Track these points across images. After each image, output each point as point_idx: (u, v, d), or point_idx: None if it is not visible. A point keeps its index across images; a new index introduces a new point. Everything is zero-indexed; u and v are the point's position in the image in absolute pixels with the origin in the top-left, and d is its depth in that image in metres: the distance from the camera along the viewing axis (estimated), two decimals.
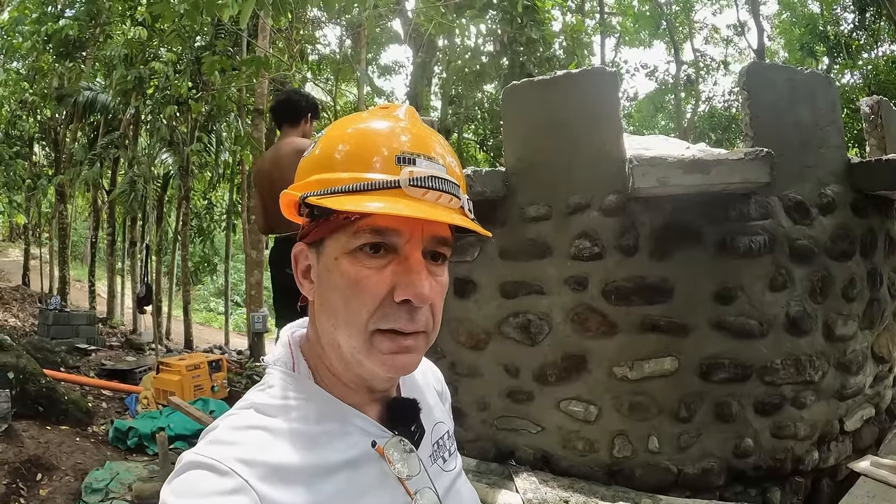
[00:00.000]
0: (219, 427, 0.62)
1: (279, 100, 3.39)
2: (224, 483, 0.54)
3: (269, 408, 0.64)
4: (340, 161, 0.63)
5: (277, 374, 0.68)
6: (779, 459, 2.91)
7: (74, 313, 10.33)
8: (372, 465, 0.64)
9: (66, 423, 4.89)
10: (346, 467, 0.62)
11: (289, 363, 0.69)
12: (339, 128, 0.68)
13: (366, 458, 0.64)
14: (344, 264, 0.62)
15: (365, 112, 0.71)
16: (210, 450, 0.58)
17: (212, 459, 0.56)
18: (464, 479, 0.78)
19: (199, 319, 19.08)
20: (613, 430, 2.94)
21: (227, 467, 0.55)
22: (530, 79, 3.29)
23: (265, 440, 0.60)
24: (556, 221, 3.05)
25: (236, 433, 0.60)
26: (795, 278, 2.94)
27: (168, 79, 9.55)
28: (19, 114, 12.86)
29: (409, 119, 0.66)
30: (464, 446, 3.30)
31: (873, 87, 12.45)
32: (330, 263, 0.63)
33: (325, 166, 0.63)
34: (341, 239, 0.62)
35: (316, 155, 0.66)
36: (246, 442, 0.59)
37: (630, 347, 2.92)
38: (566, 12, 13.45)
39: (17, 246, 21.80)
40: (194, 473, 0.56)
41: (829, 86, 3.23)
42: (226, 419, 0.63)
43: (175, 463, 0.59)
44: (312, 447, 0.61)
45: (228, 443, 0.59)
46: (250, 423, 0.62)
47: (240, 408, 0.65)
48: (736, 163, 2.62)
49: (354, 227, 0.61)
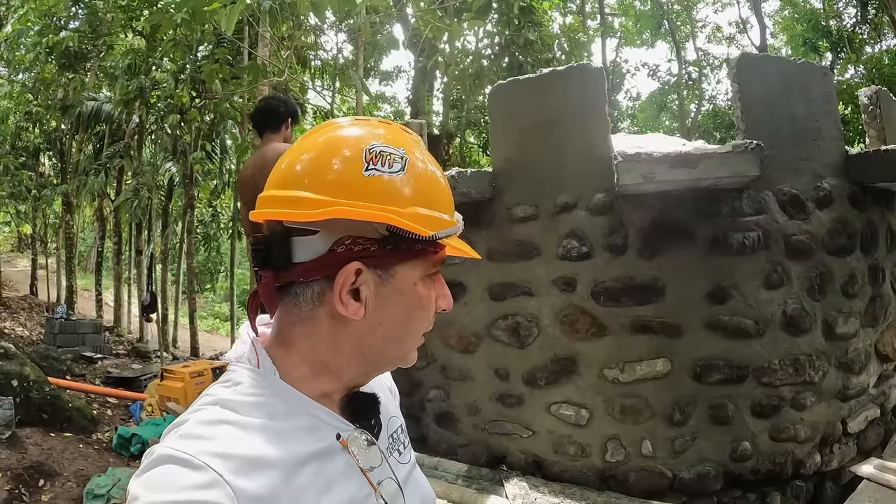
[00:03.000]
0: (188, 422, 0.62)
1: (259, 107, 3.37)
2: (198, 477, 0.55)
3: (236, 404, 0.64)
4: (436, 201, 0.69)
5: (242, 370, 0.69)
6: (778, 463, 2.82)
7: (81, 322, 10.40)
8: (338, 458, 0.67)
9: (70, 430, 4.90)
10: (314, 459, 0.64)
11: (252, 360, 0.70)
12: (419, 161, 0.70)
13: (332, 450, 0.67)
14: (421, 288, 0.70)
15: (415, 144, 0.72)
16: (182, 444, 0.58)
17: (184, 454, 0.56)
18: (419, 471, 0.82)
19: (206, 327, 19.15)
20: (605, 434, 2.87)
21: (200, 461, 0.56)
22: (516, 78, 3.25)
23: (236, 435, 0.60)
24: (544, 221, 3.00)
25: (207, 428, 0.61)
26: (792, 275, 2.85)
27: (170, 88, 9.60)
28: (24, 125, 12.99)
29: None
30: (455, 451, 3.25)
31: (877, 82, 12.28)
32: (405, 287, 0.69)
33: (428, 202, 0.68)
34: (419, 266, 0.69)
35: (410, 189, 0.67)
36: (217, 437, 0.59)
37: (621, 349, 2.85)
38: (565, 13, 13.41)
39: (24, 256, 22.05)
40: (167, 468, 0.56)
41: (824, 76, 3.15)
42: (193, 414, 0.63)
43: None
44: (282, 441, 0.62)
45: (200, 437, 0.59)
46: (219, 419, 0.62)
47: (205, 403, 0.65)
48: (724, 156, 2.55)
49: (435, 258, 0.70)
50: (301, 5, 4.47)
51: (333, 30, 10.54)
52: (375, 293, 0.67)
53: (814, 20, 15.89)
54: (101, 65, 11.70)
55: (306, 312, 0.68)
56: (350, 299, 0.66)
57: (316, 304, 0.67)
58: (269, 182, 0.69)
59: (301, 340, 0.69)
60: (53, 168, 15.29)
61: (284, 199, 0.65)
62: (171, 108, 9.70)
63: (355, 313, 0.66)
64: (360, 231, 0.65)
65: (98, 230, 14.52)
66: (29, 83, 12.29)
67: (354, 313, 0.66)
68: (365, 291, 0.67)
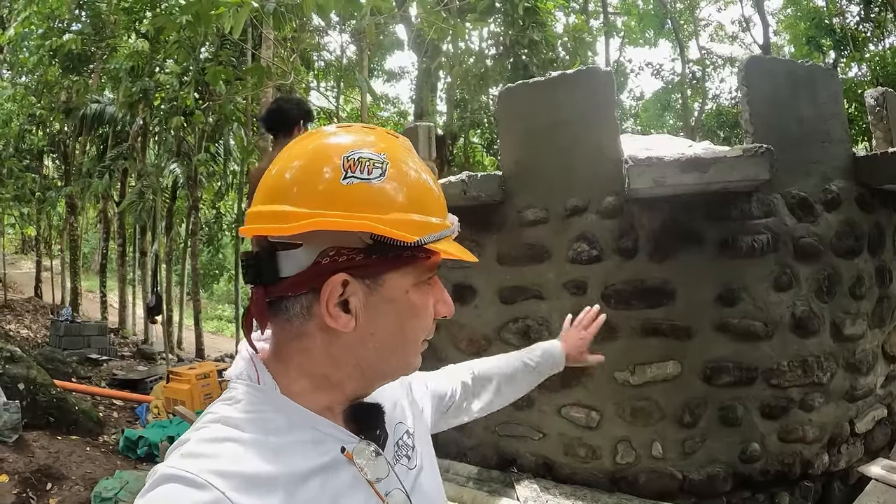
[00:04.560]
0: (190, 440, 0.62)
1: (270, 110, 3.32)
2: (201, 496, 0.55)
3: (238, 421, 0.64)
4: (430, 205, 0.68)
5: (242, 387, 0.69)
6: (787, 464, 2.83)
7: (86, 324, 10.44)
8: (344, 470, 0.66)
9: (76, 432, 4.93)
10: (319, 473, 0.64)
11: (252, 376, 0.69)
12: (403, 165, 0.67)
13: (337, 463, 0.66)
14: (414, 296, 0.68)
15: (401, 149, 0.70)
16: (185, 463, 0.58)
17: (187, 472, 0.56)
18: (426, 473, 0.80)
19: (211, 328, 19.18)
20: (616, 437, 2.88)
21: (203, 480, 0.56)
22: (525, 81, 3.25)
23: (238, 452, 0.60)
24: (554, 225, 3.00)
25: (209, 446, 0.61)
26: (801, 277, 2.86)
27: (174, 90, 9.63)
28: (28, 127, 13.02)
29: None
30: (466, 453, 3.26)
31: (881, 80, 12.27)
32: (396, 296, 0.67)
33: (419, 208, 0.66)
34: (409, 272, 0.68)
35: (403, 196, 0.66)
36: (220, 454, 0.59)
37: (631, 352, 2.86)
38: (569, 13, 13.40)
39: (29, 258, 22.09)
40: (170, 486, 0.56)
41: (831, 78, 3.15)
42: (196, 432, 0.63)
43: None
44: (285, 456, 0.62)
45: (202, 455, 0.59)
46: (221, 436, 0.62)
47: (207, 421, 0.65)
48: (735, 160, 2.56)
49: (427, 264, 0.68)
50: (307, 7, 4.49)
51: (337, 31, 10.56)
52: (365, 304, 0.66)
53: (817, 18, 15.89)
54: (105, 67, 11.73)
55: (298, 327, 0.67)
56: (339, 311, 0.65)
57: (306, 318, 0.66)
58: (255, 197, 0.68)
59: (298, 355, 0.68)
60: (57, 171, 15.33)
61: (267, 213, 0.65)
62: (174, 110, 9.72)
63: (345, 325, 0.65)
64: (345, 241, 0.64)
65: (102, 232, 14.56)
66: (32, 86, 12.32)
67: (345, 325, 0.65)
68: (354, 302, 0.65)
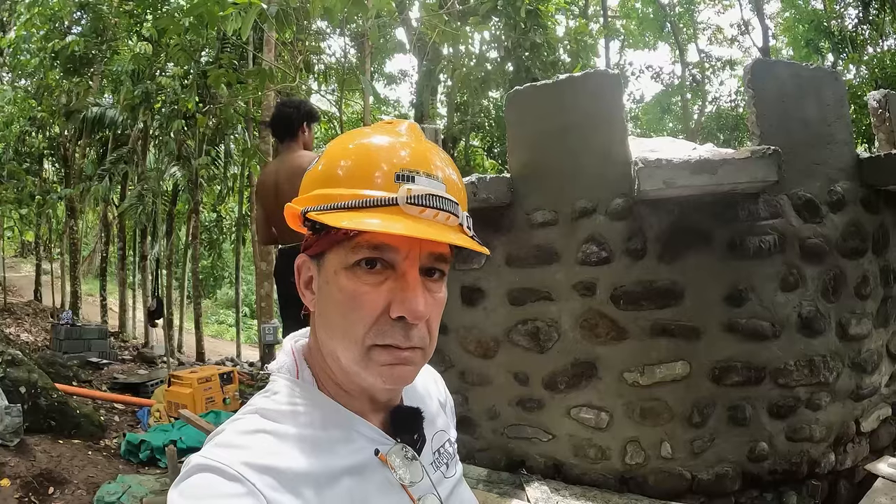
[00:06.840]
0: (225, 431, 0.63)
1: (273, 116, 3.29)
2: (232, 487, 0.55)
3: (275, 413, 0.64)
4: (342, 177, 0.63)
5: (282, 381, 0.69)
6: (794, 463, 2.86)
7: (86, 327, 10.39)
8: (376, 472, 0.66)
9: (78, 436, 4.90)
10: (350, 473, 0.63)
11: (293, 371, 0.70)
12: (341, 143, 0.68)
13: (370, 464, 0.66)
14: (342, 278, 0.63)
15: (368, 127, 0.71)
16: (217, 453, 0.58)
17: (219, 463, 0.57)
18: (464, 485, 0.81)
19: (211, 332, 19.17)
20: (625, 437, 2.90)
21: (234, 471, 0.56)
22: (533, 83, 3.27)
23: (272, 445, 0.60)
24: (563, 226, 3.03)
25: (243, 437, 0.61)
26: (807, 278, 2.89)
27: (175, 93, 9.64)
28: (28, 130, 13.01)
29: (410, 134, 0.67)
30: (474, 455, 3.27)
31: (880, 82, 12.33)
32: (329, 277, 0.65)
33: (328, 182, 0.64)
34: (340, 253, 0.63)
35: (319, 171, 0.66)
36: (253, 446, 0.60)
37: (640, 352, 2.88)
38: (570, 16, 13.45)
39: (28, 261, 22.05)
40: (202, 476, 0.56)
41: (836, 80, 3.19)
42: (232, 423, 0.64)
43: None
44: (318, 453, 0.62)
45: (236, 446, 0.59)
46: (257, 428, 0.62)
47: (245, 412, 0.66)
48: (743, 162, 2.59)
49: (353, 242, 0.62)
50: (313, 9, 4.51)
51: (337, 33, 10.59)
52: (318, 284, 0.67)
53: (815, 21, 15.96)
54: (106, 70, 11.73)
55: None
56: (307, 291, 0.69)
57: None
58: None
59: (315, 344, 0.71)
60: (56, 174, 15.31)
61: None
62: (175, 113, 9.72)
63: (310, 303, 0.68)
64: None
65: (102, 235, 14.54)
66: (32, 88, 12.31)
67: (309, 303, 0.69)
68: (314, 283, 0.68)
